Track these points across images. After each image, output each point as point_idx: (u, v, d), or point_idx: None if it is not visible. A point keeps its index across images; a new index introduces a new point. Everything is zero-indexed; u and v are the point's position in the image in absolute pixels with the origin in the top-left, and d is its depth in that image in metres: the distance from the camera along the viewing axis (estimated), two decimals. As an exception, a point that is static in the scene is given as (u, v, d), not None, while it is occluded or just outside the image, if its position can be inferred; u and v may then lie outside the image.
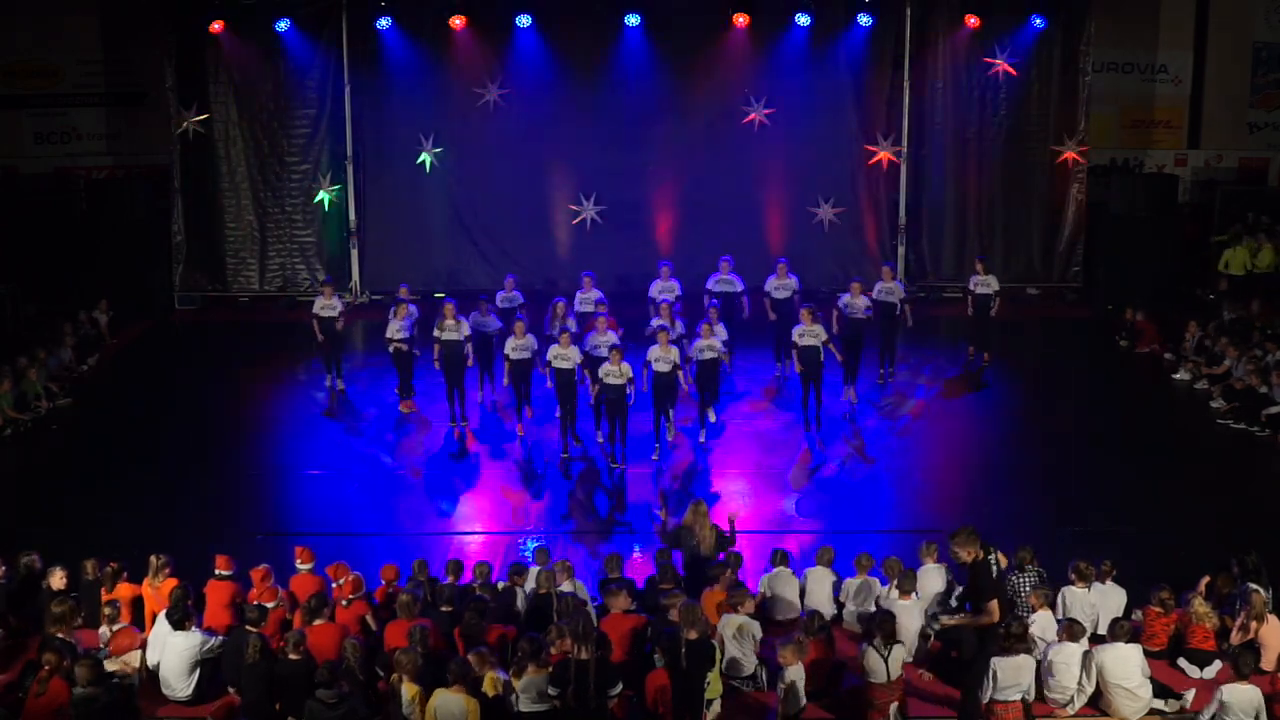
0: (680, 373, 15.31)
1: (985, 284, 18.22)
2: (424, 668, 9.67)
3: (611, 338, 16.16)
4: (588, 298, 17.52)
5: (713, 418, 15.98)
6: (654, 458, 15.49)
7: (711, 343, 15.61)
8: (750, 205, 21.95)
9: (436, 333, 16.23)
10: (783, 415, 16.88)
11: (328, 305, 17.53)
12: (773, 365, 18.15)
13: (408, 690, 9.63)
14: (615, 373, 14.93)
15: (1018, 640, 9.87)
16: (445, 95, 21.71)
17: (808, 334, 16.05)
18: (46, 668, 9.82)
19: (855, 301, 16.94)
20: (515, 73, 21.48)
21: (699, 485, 14.91)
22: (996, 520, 13.92)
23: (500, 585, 11.49)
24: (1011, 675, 9.81)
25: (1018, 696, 9.92)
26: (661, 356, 15.21)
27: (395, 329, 16.58)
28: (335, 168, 21.85)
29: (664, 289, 17.86)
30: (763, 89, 21.51)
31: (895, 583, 11.21)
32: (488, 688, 9.85)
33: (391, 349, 16.62)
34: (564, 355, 15.27)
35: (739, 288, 17.68)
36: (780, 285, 17.70)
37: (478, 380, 17.12)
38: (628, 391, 14.93)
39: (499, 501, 14.79)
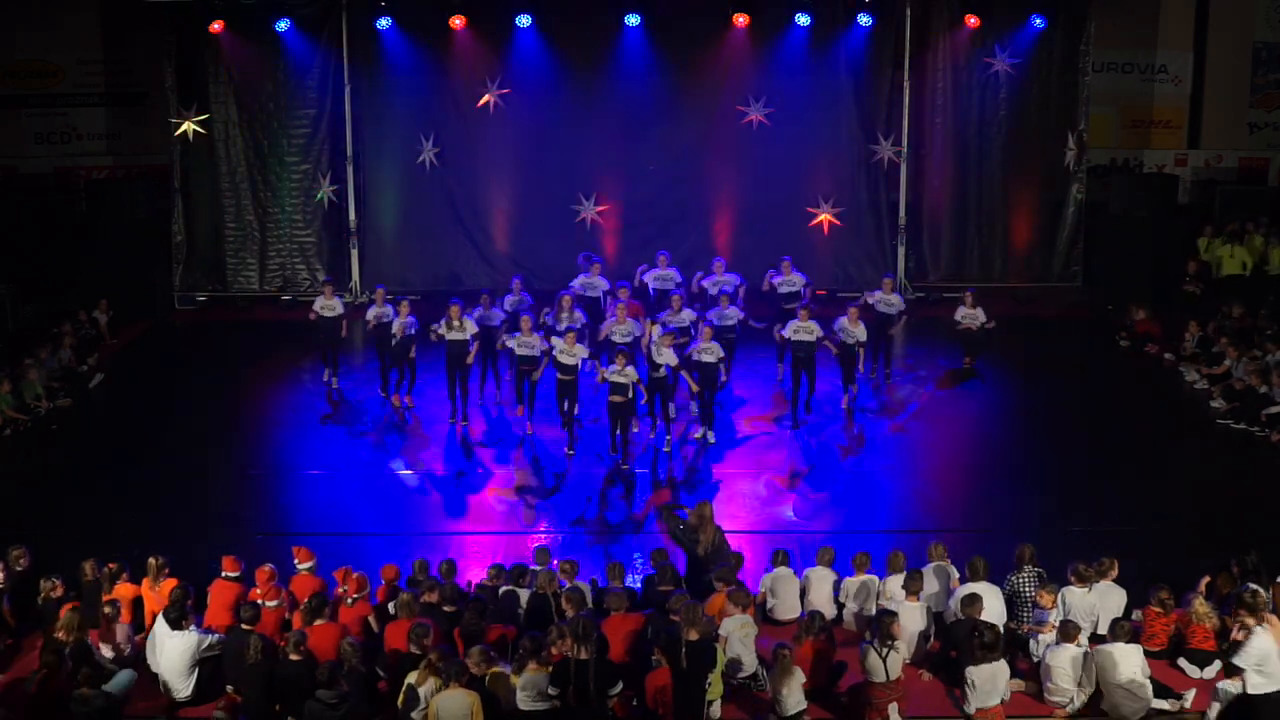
0: (682, 372, 15.36)
1: (972, 317, 18.05)
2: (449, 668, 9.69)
3: (630, 326, 16.13)
4: (594, 283, 17.53)
5: (711, 439, 15.94)
6: (665, 449, 15.54)
7: (712, 346, 15.59)
8: (750, 205, 21.94)
9: (443, 331, 16.24)
10: (783, 415, 16.87)
11: (328, 305, 17.54)
12: (773, 366, 18.07)
13: (434, 683, 9.62)
14: (620, 374, 14.96)
15: (989, 650, 9.93)
16: (445, 95, 21.70)
17: (802, 330, 16.09)
18: (45, 670, 9.83)
19: (850, 327, 16.83)
20: (515, 73, 21.46)
21: (703, 485, 14.93)
22: (997, 520, 13.98)
23: (501, 590, 11.47)
24: (989, 682, 9.89)
25: (996, 701, 9.99)
26: (658, 354, 15.25)
27: (398, 325, 16.55)
28: (335, 168, 21.85)
29: (660, 277, 17.85)
30: (763, 89, 21.50)
31: (900, 582, 11.21)
32: (495, 685, 9.90)
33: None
34: (568, 353, 15.30)
35: (736, 284, 17.65)
36: (786, 282, 17.69)
37: (479, 378, 17.14)
38: (633, 393, 14.98)
39: (501, 501, 14.79)
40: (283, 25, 21.04)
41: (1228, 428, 16.48)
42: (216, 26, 21.05)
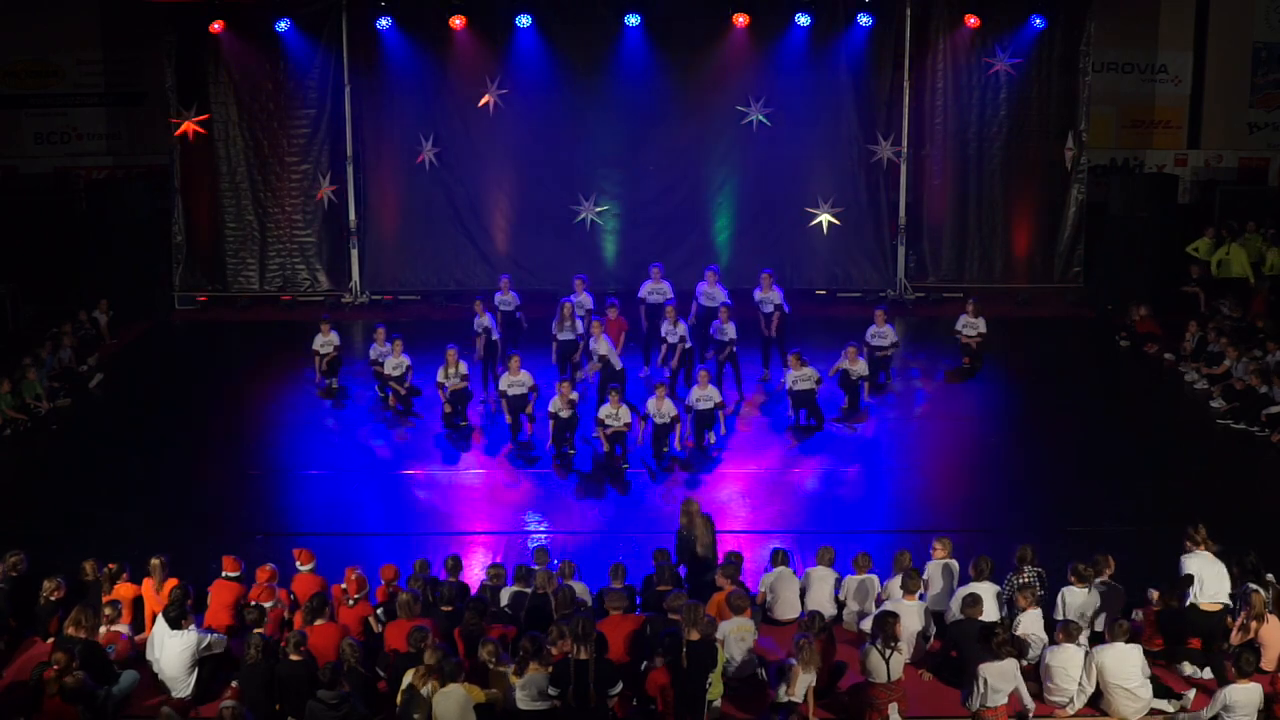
0: (679, 427, 15.32)
1: (972, 326, 18.18)
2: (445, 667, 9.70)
3: (605, 345, 16.17)
4: (581, 301, 17.60)
5: (712, 439, 15.88)
6: (664, 449, 15.48)
7: (708, 392, 15.52)
8: (750, 205, 21.94)
9: (441, 379, 16.27)
10: (775, 418, 16.84)
11: (327, 341, 17.60)
12: (759, 369, 18.03)
13: (433, 683, 9.64)
14: (614, 415, 14.98)
15: (1007, 645, 9.94)
16: (445, 95, 21.69)
17: (800, 379, 16.06)
18: (56, 667, 9.85)
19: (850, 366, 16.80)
20: (515, 73, 21.45)
21: (703, 483, 14.94)
22: (997, 520, 13.98)
23: (505, 590, 11.48)
24: (999, 680, 9.91)
25: (1003, 700, 10.00)
26: (657, 411, 15.21)
27: (393, 365, 16.71)
28: (335, 168, 21.85)
29: (653, 290, 17.88)
30: (763, 89, 21.48)
31: (899, 580, 11.21)
32: (496, 685, 9.93)
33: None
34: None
35: (722, 297, 17.70)
36: (764, 299, 17.68)
37: (481, 380, 17.16)
38: (626, 435, 15.09)
39: (501, 501, 14.79)
40: (283, 25, 21.04)
41: (1228, 428, 16.48)
42: (216, 26, 21.06)
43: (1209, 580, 10.99)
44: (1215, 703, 9.93)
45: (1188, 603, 10.98)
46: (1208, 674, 10.79)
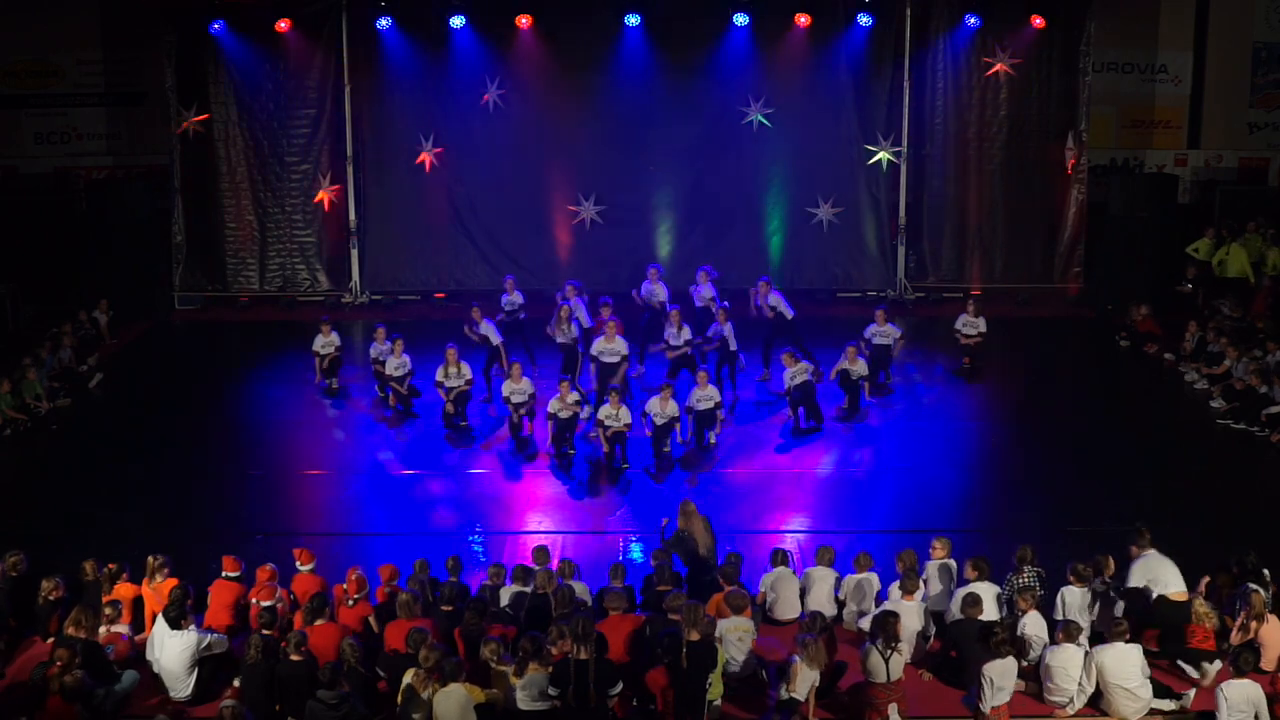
0: (678, 426, 15.31)
1: (973, 325, 18.20)
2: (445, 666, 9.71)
3: (620, 345, 16.17)
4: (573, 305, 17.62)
5: (712, 439, 15.85)
6: (664, 449, 15.47)
7: (708, 392, 15.52)
8: (750, 206, 21.94)
9: (440, 378, 16.27)
10: (775, 418, 16.85)
11: (328, 342, 17.62)
12: (759, 369, 18.02)
13: (432, 689, 9.64)
14: (614, 415, 14.97)
15: (1006, 645, 9.95)
16: (445, 95, 21.68)
17: (796, 374, 16.06)
18: (59, 664, 9.85)
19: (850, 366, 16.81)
20: (515, 73, 21.47)
21: (702, 484, 14.95)
22: (997, 520, 13.98)
23: (505, 590, 11.48)
24: (1002, 679, 9.95)
25: (1006, 698, 10.00)
26: (659, 412, 15.21)
27: (394, 365, 16.71)
28: (335, 168, 21.85)
29: (651, 292, 17.87)
30: (763, 89, 21.49)
31: (899, 580, 11.22)
32: (496, 684, 9.94)
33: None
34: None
35: (711, 295, 17.69)
36: (763, 306, 17.66)
37: (483, 380, 17.17)
38: (626, 435, 15.11)
39: (501, 501, 14.79)
40: (283, 25, 21.04)
41: (1228, 428, 16.48)
42: (216, 26, 21.06)
43: (1170, 578, 11.17)
44: (1219, 708, 9.90)
45: (1155, 595, 11.12)
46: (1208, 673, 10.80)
